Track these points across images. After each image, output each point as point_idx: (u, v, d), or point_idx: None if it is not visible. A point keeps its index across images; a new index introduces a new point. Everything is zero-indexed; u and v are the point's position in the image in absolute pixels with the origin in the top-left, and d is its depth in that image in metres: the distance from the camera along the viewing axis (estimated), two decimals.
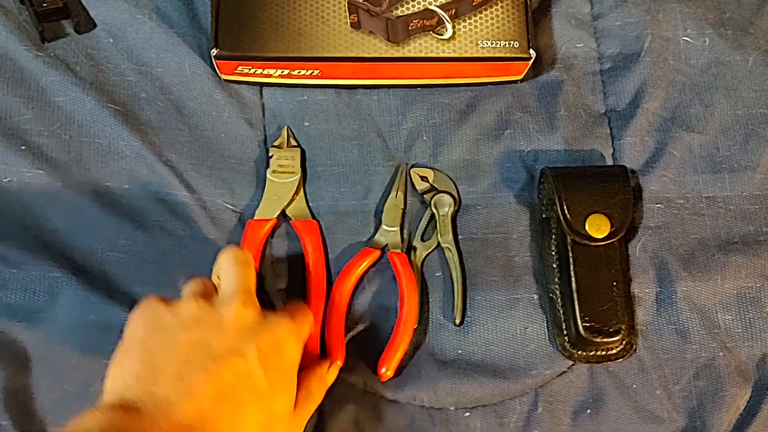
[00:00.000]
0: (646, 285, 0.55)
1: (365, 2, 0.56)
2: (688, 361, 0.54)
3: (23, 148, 0.54)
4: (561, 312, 0.54)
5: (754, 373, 0.55)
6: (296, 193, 0.56)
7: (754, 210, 0.58)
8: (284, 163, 0.56)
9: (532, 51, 0.56)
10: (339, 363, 0.52)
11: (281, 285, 0.55)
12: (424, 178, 0.57)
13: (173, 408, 0.38)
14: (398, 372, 0.53)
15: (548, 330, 0.55)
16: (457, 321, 0.54)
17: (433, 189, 0.57)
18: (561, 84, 0.60)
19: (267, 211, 0.55)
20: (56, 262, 0.52)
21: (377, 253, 0.55)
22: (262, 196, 0.56)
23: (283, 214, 0.56)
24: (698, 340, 0.54)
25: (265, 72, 0.56)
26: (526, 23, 0.57)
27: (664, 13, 0.61)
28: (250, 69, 0.56)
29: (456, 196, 0.57)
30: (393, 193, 0.57)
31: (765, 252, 0.56)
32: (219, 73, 0.57)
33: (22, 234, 0.52)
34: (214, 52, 0.55)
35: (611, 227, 0.54)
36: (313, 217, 0.56)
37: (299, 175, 0.56)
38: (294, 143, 0.58)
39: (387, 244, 0.56)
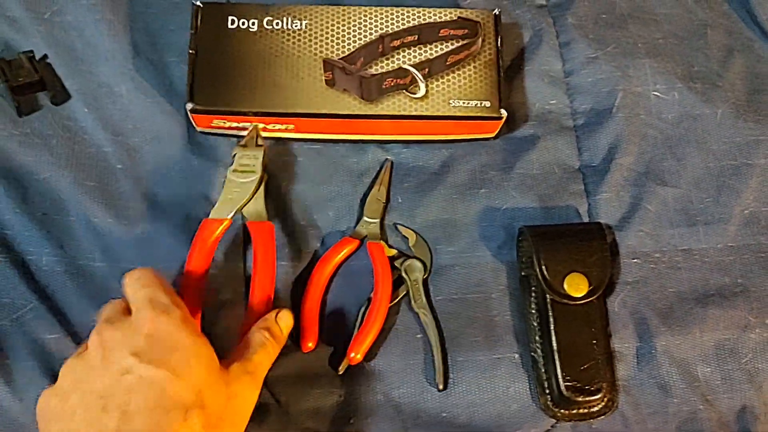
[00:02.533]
0: (626, 340, 0.56)
1: (340, 60, 0.56)
2: (670, 415, 0.55)
3: None
4: (543, 371, 0.54)
5: (735, 425, 0.55)
6: (255, 193, 0.54)
7: (730, 261, 0.58)
8: (246, 162, 0.55)
9: (503, 110, 0.57)
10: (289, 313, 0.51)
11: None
12: (404, 239, 0.58)
13: None
14: None
15: (531, 389, 0.55)
16: (440, 387, 0.54)
17: (401, 255, 0.57)
18: (535, 141, 0.61)
19: (223, 210, 0.53)
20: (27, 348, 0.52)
21: (356, 243, 0.57)
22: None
23: (240, 214, 0.54)
24: (679, 393, 0.55)
25: (240, 126, 0.57)
26: (498, 83, 0.57)
27: (634, 69, 0.62)
28: (225, 123, 0.57)
29: (428, 263, 0.57)
30: (376, 188, 0.58)
31: (741, 303, 0.57)
32: (195, 126, 0.58)
33: None
34: (189, 106, 0.55)
35: (590, 286, 0.54)
36: (269, 219, 0.55)
37: (259, 175, 0.54)
38: (260, 143, 0.57)
39: (366, 235, 0.57)
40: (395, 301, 0.56)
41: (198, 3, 0.57)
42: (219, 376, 0.43)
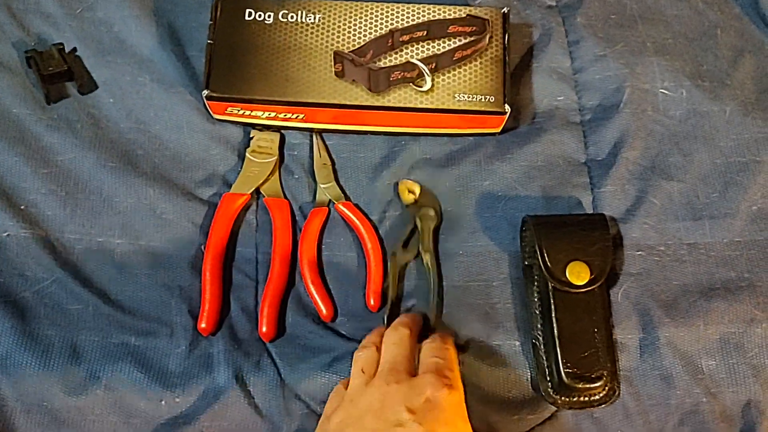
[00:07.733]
0: (629, 331, 0.56)
1: (350, 53, 0.59)
2: (673, 407, 0.55)
3: (22, 207, 0.57)
4: (544, 358, 0.55)
5: (739, 420, 0.55)
6: (272, 173, 0.60)
7: (735, 256, 0.58)
8: (263, 144, 0.60)
9: (507, 106, 0.58)
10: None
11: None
12: (410, 192, 0.59)
13: None
14: None
15: (531, 376, 0.55)
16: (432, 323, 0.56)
17: (416, 203, 0.59)
18: (541, 134, 0.62)
19: (242, 186, 0.59)
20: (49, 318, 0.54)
21: (325, 210, 0.60)
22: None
23: (257, 191, 0.59)
24: (682, 386, 0.55)
25: (253, 114, 0.60)
26: (504, 79, 0.59)
27: (642, 66, 0.63)
28: (238, 110, 0.59)
29: (439, 211, 0.59)
30: (316, 154, 0.61)
31: (747, 297, 0.57)
32: (211, 113, 0.60)
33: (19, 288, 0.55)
34: (205, 93, 0.58)
35: (591, 274, 0.55)
36: (285, 197, 0.60)
37: (276, 157, 0.60)
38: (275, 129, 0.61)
39: (330, 200, 0.60)
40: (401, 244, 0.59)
41: None
42: None
